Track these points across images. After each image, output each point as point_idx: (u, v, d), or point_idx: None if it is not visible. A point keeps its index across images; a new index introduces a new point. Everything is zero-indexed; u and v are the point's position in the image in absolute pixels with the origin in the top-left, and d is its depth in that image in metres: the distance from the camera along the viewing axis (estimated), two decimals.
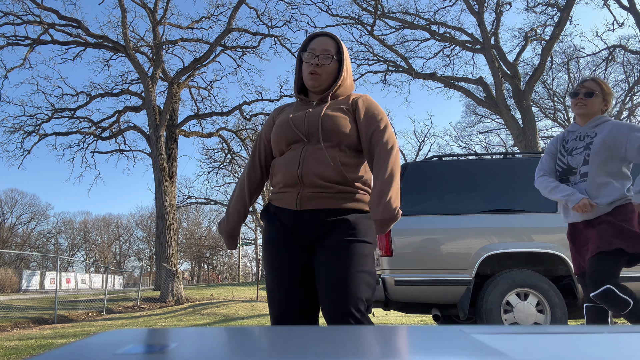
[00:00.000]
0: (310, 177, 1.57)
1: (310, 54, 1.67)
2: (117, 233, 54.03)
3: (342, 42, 1.73)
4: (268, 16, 20.23)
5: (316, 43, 1.68)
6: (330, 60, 1.67)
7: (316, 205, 1.58)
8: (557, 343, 0.49)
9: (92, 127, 20.72)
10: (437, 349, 0.45)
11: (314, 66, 1.65)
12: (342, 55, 1.70)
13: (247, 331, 0.57)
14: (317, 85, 1.68)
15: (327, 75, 1.68)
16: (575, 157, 2.49)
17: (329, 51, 1.67)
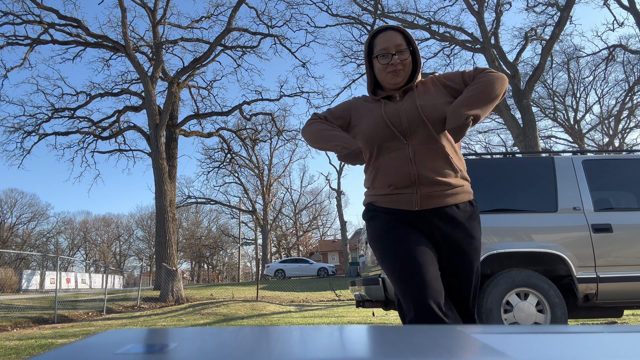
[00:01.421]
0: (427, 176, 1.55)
1: (385, 54, 1.63)
2: (117, 233, 54.05)
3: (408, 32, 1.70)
4: (268, 16, 20.26)
5: (385, 41, 1.64)
6: (407, 53, 1.64)
7: (437, 204, 1.57)
8: (557, 343, 0.48)
9: (92, 126, 20.72)
10: (437, 349, 0.45)
11: (394, 66, 1.62)
12: (414, 45, 1.68)
13: (247, 331, 0.57)
14: (401, 81, 1.65)
15: (407, 68, 1.66)
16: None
17: (402, 45, 1.64)
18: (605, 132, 26.59)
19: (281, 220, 43.61)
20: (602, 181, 4.35)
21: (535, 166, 4.43)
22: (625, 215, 4.18)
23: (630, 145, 26.93)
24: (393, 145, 1.58)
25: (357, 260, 23.70)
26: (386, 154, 1.60)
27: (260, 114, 22.83)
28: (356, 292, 4.94)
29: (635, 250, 4.06)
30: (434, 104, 1.59)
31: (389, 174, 1.58)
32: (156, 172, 17.29)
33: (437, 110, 1.57)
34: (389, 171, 1.58)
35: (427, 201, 1.56)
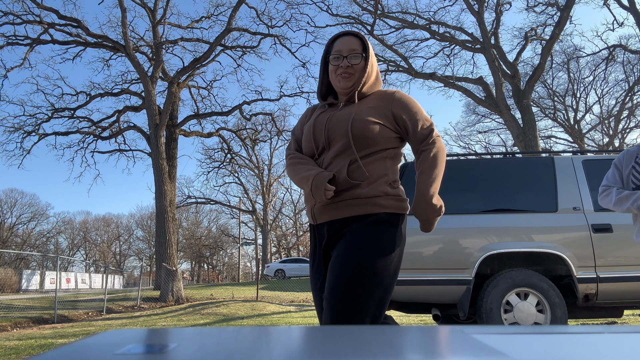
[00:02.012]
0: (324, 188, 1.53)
1: (338, 56, 1.61)
2: (117, 233, 54.04)
3: (367, 39, 1.67)
4: (268, 16, 20.24)
5: (341, 44, 1.63)
6: (360, 58, 1.62)
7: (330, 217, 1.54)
8: (557, 343, 0.48)
9: (92, 126, 20.72)
10: (437, 349, 0.45)
11: (343, 68, 1.60)
12: (369, 53, 1.65)
13: (247, 331, 0.57)
14: (350, 85, 1.62)
15: (358, 74, 1.62)
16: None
17: (356, 50, 1.61)
18: (605, 132, 26.60)
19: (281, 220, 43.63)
20: (602, 180, 4.35)
21: (535, 166, 4.43)
22: (626, 215, 4.18)
23: (630, 145, 26.92)
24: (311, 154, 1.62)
25: None
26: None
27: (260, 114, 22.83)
28: None
29: (635, 250, 4.06)
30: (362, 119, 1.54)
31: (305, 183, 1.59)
32: (156, 172, 17.29)
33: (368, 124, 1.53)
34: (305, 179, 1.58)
35: (319, 215, 1.56)
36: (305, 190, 1.55)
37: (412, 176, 4.49)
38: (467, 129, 31.25)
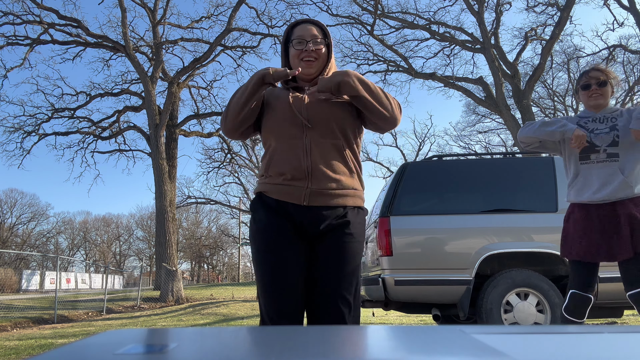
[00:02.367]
0: (318, 170, 1.52)
1: (301, 40, 1.63)
2: (117, 233, 54.05)
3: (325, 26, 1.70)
4: (268, 16, 20.29)
5: (302, 30, 1.65)
6: (322, 45, 1.65)
7: (324, 202, 1.52)
8: (557, 343, 0.49)
9: (92, 127, 20.72)
10: (437, 349, 0.45)
11: (307, 52, 1.62)
12: (330, 40, 1.69)
13: (247, 331, 0.57)
14: (314, 71, 1.65)
15: (321, 60, 1.65)
16: (600, 137, 2.40)
17: (318, 36, 1.64)
18: None
19: None
20: None
21: (535, 166, 4.44)
22: None
23: None
24: (292, 134, 1.55)
25: None
26: (284, 142, 1.56)
27: None
28: None
29: None
30: (340, 101, 1.59)
31: (283, 163, 1.54)
32: (156, 172, 17.29)
33: (342, 106, 1.58)
34: (284, 160, 1.54)
35: (315, 198, 1.52)
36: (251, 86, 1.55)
37: (412, 176, 4.49)
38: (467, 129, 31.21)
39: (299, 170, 1.52)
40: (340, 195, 1.54)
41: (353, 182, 1.58)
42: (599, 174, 2.39)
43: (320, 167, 1.52)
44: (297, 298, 1.51)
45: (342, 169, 1.55)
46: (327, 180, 1.52)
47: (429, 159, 4.76)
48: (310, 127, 1.55)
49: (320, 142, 1.54)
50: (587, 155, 2.44)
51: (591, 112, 2.52)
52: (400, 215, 4.26)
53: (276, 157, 1.57)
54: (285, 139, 1.56)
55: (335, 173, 1.53)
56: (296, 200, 1.52)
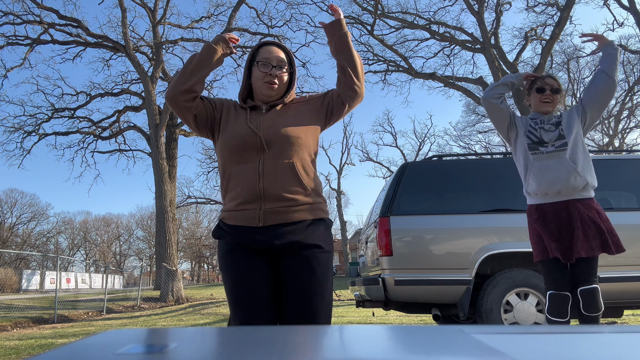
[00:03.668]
0: (272, 192, 1.54)
1: (267, 63, 1.67)
2: (117, 233, 54.05)
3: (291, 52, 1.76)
4: (268, 16, 20.28)
5: (269, 52, 1.69)
6: (286, 71, 1.70)
7: (280, 220, 1.55)
8: (557, 343, 0.48)
9: (92, 126, 20.72)
10: (437, 349, 0.45)
11: (272, 77, 1.66)
12: (294, 68, 1.74)
13: (247, 331, 0.57)
14: (274, 94, 1.68)
15: (283, 86, 1.70)
16: (549, 133, 2.57)
17: (283, 61, 1.69)
18: (605, 132, 26.60)
19: None
20: (602, 181, 4.35)
21: None
22: (625, 215, 4.18)
23: (630, 145, 26.93)
24: (247, 157, 1.58)
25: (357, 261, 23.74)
26: (239, 165, 1.59)
27: None
28: (356, 292, 4.94)
29: (635, 250, 4.06)
30: (295, 122, 1.63)
31: (237, 188, 1.57)
32: (156, 172, 17.29)
33: (296, 127, 1.62)
34: (238, 185, 1.57)
35: (270, 217, 1.54)
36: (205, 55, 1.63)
37: (412, 176, 4.49)
38: (467, 129, 31.22)
39: (251, 194, 1.55)
40: (296, 210, 1.56)
41: (309, 198, 1.59)
42: (549, 165, 2.52)
43: (272, 189, 1.54)
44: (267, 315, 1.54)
45: (295, 189, 1.57)
46: (281, 200, 1.55)
47: (429, 159, 4.76)
48: (265, 150, 1.57)
49: (274, 163, 1.57)
50: (536, 148, 2.58)
51: (538, 114, 2.67)
52: (400, 215, 4.26)
53: (231, 183, 1.60)
54: (239, 162, 1.59)
55: (289, 193, 1.56)
56: (251, 223, 1.56)
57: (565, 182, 2.48)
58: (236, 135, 1.60)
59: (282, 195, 1.55)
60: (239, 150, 1.59)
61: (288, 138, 1.58)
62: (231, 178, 1.60)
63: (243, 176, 1.57)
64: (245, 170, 1.57)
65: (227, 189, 1.62)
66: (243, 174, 1.57)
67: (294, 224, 1.56)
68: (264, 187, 1.54)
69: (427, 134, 51.39)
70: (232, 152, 1.60)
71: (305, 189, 1.58)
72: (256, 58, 1.70)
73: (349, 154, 56.64)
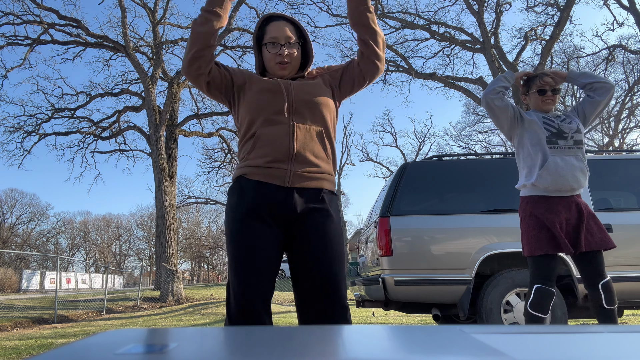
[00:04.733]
0: (303, 155, 1.56)
1: (275, 43, 1.64)
2: (117, 233, 54.04)
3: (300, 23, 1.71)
4: None
5: (276, 30, 1.65)
6: (296, 46, 1.66)
7: (305, 184, 1.56)
8: (557, 343, 0.49)
9: (92, 126, 20.71)
10: (437, 349, 0.45)
11: (282, 57, 1.63)
12: (306, 37, 1.70)
13: (247, 331, 0.57)
14: (287, 74, 1.68)
15: (296, 61, 1.68)
16: (566, 125, 2.53)
17: (292, 38, 1.65)
18: (605, 132, 26.60)
19: None
20: (602, 181, 4.35)
21: None
22: (625, 215, 4.18)
23: (630, 145, 26.93)
24: (277, 118, 1.57)
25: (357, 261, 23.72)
26: (268, 126, 1.57)
27: None
28: (356, 292, 4.94)
29: (635, 250, 4.06)
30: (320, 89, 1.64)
31: (267, 146, 1.55)
32: (156, 172, 17.29)
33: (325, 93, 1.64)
34: (269, 143, 1.56)
35: (297, 179, 1.55)
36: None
37: (412, 176, 4.48)
38: (467, 129, 31.25)
39: (283, 154, 1.54)
40: (320, 178, 1.59)
41: (329, 168, 1.63)
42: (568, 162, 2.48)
43: (303, 151, 1.56)
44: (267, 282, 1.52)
45: (322, 155, 1.60)
46: (309, 164, 1.56)
47: (429, 159, 4.76)
48: (296, 113, 1.58)
49: (305, 127, 1.58)
50: (555, 141, 2.52)
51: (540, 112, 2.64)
52: (400, 215, 4.26)
53: (260, 141, 1.57)
54: (269, 122, 1.57)
55: (316, 158, 1.58)
56: (279, 182, 1.55)
57: (580, 182, 2.49)
58: (266, 94, 1.59)
59: (311, 160, 1.57)
60: (270, 108, 1.57)
61: (319, 105, 1.60)
62: (260, 136, 1.57)
63: (274, 136, 1.56)
64: (276, 130, 1.56)
65: (253, 146, 1.58)
66: (274, 133, 1.56)
67: (315, 191, 1.58)
68: (296, 149, 1.55)
69: (427, 134, 51.47)
70: (262, 113, 1.58)
71: (328, 157, 1.62)
72: (264, 38, 1.68)
73: (349, 154, 56.71)
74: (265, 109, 1.57)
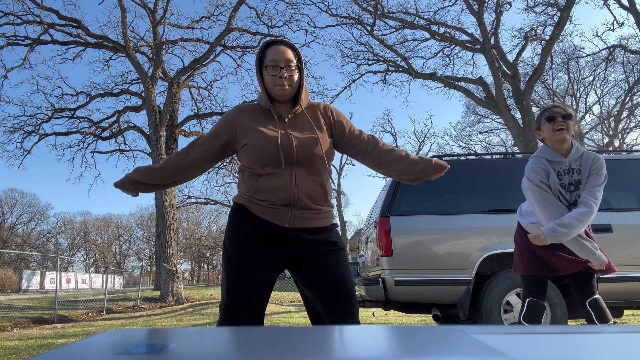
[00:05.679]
0: (303, 201, 1.66)
1: (275, 66, 1.68)
2: (117, 233, 54.05)
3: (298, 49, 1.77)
4: (268, 16, 20.25)
5: (276, 53, 1.69)
6: (295, 70, 1.71)
7: (305, 225, 1.67)
8: (557, 343, 0.49)
9: (92, 127, 20.71)
10: (437, 349, 0.45)
11: (281, 79, 1.67)
12: (302, 64, 1.76)
13: (247, 331, 0.57)
14: (286, 95, 1.71)
15: (295, 84, 1.72)
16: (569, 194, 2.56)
17: (292, 61, 1.70)
18: (605, 132, 26.60)
19: None
20: None
21: None
22: (625, 215, 4.18)
23: (630, 145, 26.93)
24: (279, 168, 1.65)
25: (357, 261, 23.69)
26: (270, 173, 1.65)
27: None
28: (356, 292, 4.94)
29: (635, 250, 4.06)
30: (323, 138, 1.71)
31: (270, 192, 1.64)
32: None
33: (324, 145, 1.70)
34: (270, 190, 1.64)
35: (297, 221, 1.66)
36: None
37: None
38: (467, 129, 31.23)
39: (284, 200, 1.64)
40: (318, 218, 1.71)
41: (327, 208, 1.75)
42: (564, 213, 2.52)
43: (304, 200, 1.66)
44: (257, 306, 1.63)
45: (321, 200, 1.71)
46: (308, 209, 1.68)
47: None
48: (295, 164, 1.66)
49: (306, 177, 1.67)
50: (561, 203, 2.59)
51: (559, 156, 2.53)
52: (400, 215, 4.26)
53: (262, 186, 1.66)
54: (270, 169, 1.66)
55: (315, 204, 1.70)
56: (279, 222, 1.65)
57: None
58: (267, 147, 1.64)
59: (311, 205, 1.68)
60: (270, 160, 1.65)
61: (318, 157, 1.69)
62: (261, 179, 1.66)
63: (276, 182, 1.64)
64: (277, 177, 1.64)
65: (256, 190, 1.67)
66: (276, 180, 1.64)
67: (314, 230, 1.69)
68: (296, 197, 1.64)
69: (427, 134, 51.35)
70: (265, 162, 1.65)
71: (326, 200, 1.73)
72: (264, 61, 1.71)
73: None
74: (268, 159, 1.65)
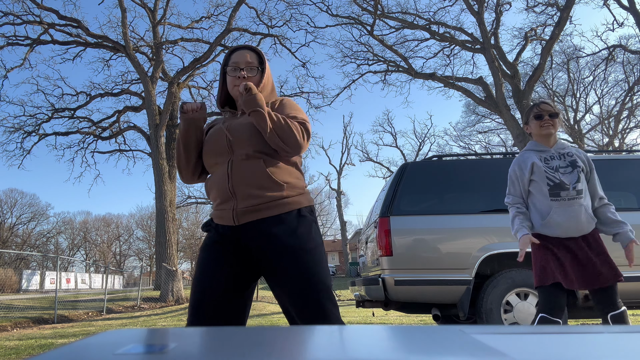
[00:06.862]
0: (242, 191, 1.57)
1: (235, 67, 1.71)
2: (117, 233, 54.04)
3: (263, 53, 1.78)
4: (268, 16, 20.25)
5: (238, 57, 1.72)
6: (255, 71, 1.72)
7: (256, 217, 1.56)
8: (557, 343, 0.49)
9: (92, 127, 20.72)
10: (437, 349, 0.45)
11: (240, 80, 1.69)
12: (265, 66, 1.76)
13: (247, 331, 0.57)
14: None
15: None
16: (567, 175, 2.55)
17: (252, 63, 1.72)
18: (605, 132, 26.60)
19: None
20: (602, 181, 4.35)
21: None
22: (625, 215, 4.18)
23: (630, 145, 26.93)
24: (218, 161, 1.64)
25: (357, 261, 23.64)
26: (215, 168, 1.66)
27: None
28: (356, 292, 4.94)
29: (636, 251, 4.05)
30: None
31: (214, 189, 1.64)
32: (156, 172, 17.29)
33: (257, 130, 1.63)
34: (214, 186, 1.64)
35: (243, 216, 1.57)
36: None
37: (412, 176, 4.49)
38: (467, 129, 31.24)
39: (224, 195, 1.60)
40: (269, 207, 1.57)
41: (282, 194, 1.58)
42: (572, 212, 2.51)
43: (241, 188, 1.57)
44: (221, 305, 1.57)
45: (265, 186, 1.57)
46: (251, 198, 1.56)
47: (429, 159, 4.76)
48: (233, 151, 1.61)
49: (242, 163, 1.59)
50: (557, 193, 2.55)
51: (544, 146, 2.63)
52: (400, 215, 4.26)
53: (208, 184, 1.68)
54: (213, 166, 1.66)
55: (259, 190, 1.56)
56: (228, 222, 1.60)
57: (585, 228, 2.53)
58: (209, 140, 1.68)
59: (251, 193, 1.56)
60: (214, 155, 1.65)
61: (253, 136, 1.60)
62: (209, 180, 1.68)
63: (216, 177, 1.63)
64: (218, 172, 1.63)
65: (208, 192, 1.70)
66: (216, 176, 1.64)
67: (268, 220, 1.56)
68: (233, 187, 1.57)
69: (427, 134, 51.36)
70: (208, 156, 1.67)
71: (276, 184, 1.58)
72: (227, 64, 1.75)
73: (349, 154, 56.72)
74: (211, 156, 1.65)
